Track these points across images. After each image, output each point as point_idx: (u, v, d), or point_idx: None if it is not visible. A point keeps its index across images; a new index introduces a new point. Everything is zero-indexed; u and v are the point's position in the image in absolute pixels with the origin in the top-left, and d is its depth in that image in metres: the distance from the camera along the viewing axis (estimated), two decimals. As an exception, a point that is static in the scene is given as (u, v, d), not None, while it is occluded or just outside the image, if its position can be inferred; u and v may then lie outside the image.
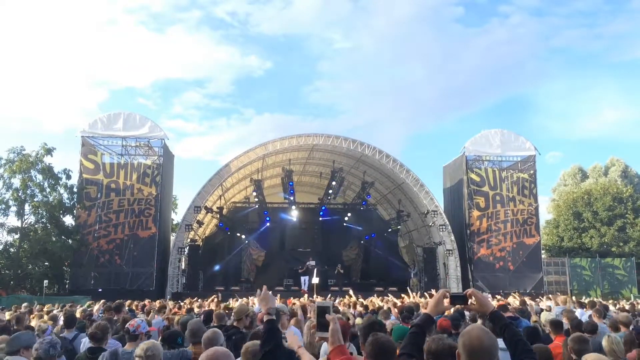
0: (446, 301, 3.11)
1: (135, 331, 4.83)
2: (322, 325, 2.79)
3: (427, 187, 30.90)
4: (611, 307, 12.20)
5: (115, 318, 8.08)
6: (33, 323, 8.25)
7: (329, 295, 19.07)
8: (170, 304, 13.01)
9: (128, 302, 12.97)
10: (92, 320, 8.59)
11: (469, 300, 3.05)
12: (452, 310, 7.14)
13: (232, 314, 7.26)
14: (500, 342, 2.79)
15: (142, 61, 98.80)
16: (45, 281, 24.46)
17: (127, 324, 5.08)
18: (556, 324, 6.34)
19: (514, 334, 2.84)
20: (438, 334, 4.24)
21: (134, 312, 10.97)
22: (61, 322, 8.03)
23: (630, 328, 6.53)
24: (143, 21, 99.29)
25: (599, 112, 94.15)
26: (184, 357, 4.48)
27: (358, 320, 7.48)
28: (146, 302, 13.46)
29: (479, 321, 5.82)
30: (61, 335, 6.93)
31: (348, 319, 7.54)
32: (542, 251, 35.16)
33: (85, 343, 6.28)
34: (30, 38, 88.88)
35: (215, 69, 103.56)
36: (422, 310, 9.14)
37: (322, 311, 2.81)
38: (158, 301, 14.41)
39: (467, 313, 7.32)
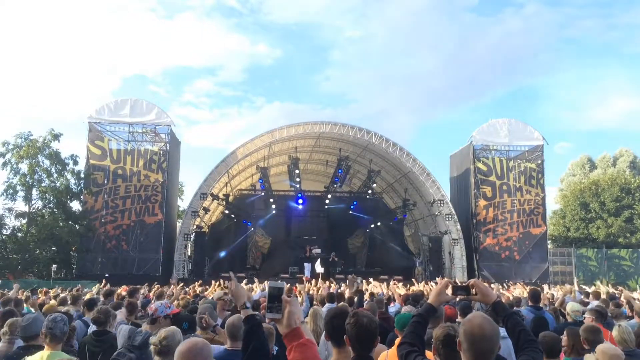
0: (448, 291, 3.09)
1: (154, 315, 4.89)
2: (273, 307, 2.69)
3: (434, 176, 30.85)
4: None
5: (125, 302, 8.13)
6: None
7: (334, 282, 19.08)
8: (177, 289, 13.07)
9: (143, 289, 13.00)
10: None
11: (472, 291, 3.03)
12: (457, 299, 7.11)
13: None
14: (502, 331, 2.78)
15: (153, 49, 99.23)
16: (54, 266, 24.65)
17: (147, 307, 5.11)
18: (598, 314, 6.13)
19: (516, 324, 2.83)
20: (445, 323, 4.20)
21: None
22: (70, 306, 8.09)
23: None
24: (153, 8, 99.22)
25: (609, 102, 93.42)
26: None
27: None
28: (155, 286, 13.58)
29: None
30: (83, 318, 7.00)
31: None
32: (548, 241, 35.07)
33: (91, 327, 6.34)
34: (43, 27, 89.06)
35: (227, 57, 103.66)
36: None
37: (273, 293, 2.71)
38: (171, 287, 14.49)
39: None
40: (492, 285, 13.23)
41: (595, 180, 42.71)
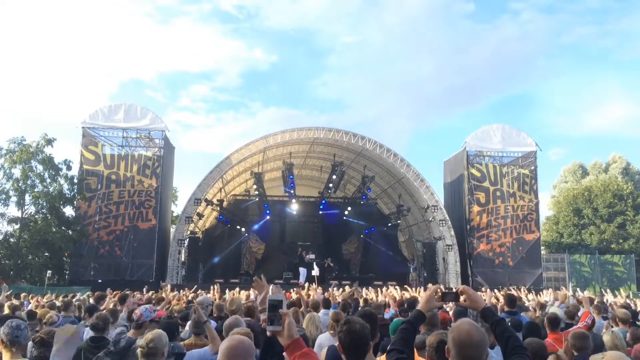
0: (437, 298, 3.11)
1: (139, 320, 4.85)
2: (273, 319, 2.72)
3: (428, 181, 30.93)
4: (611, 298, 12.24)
5: (119, 308, 8.10)
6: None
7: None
8: (170, 294, 13.01)
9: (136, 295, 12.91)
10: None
11: (461, 297, 3.05)
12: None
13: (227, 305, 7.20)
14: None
15: (149, 54, 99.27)
16: (49, 272, 24.51)
17: (132, 313, 5.09)
18: (552, 321, 6.10)
19: (505, 330, 2.84)
20: (441, 329, 4.21)
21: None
22: (63, 313, 8.05)
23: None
24: (149, 13, 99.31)
25: (603, 108, 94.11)
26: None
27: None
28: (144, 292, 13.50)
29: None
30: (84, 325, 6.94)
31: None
32: (542, 247, 35.19)
33: (87, 332, 6.30)
34: (40, 32, 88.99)
35: (223, 62, 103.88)
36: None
37: (273, 305, 2.74)
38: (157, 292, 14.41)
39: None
40: (487, 291, 13.22)
41: (588, 186, 42.97)
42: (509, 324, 5.36)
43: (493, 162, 31.54)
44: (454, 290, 3.13)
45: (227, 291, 15.10)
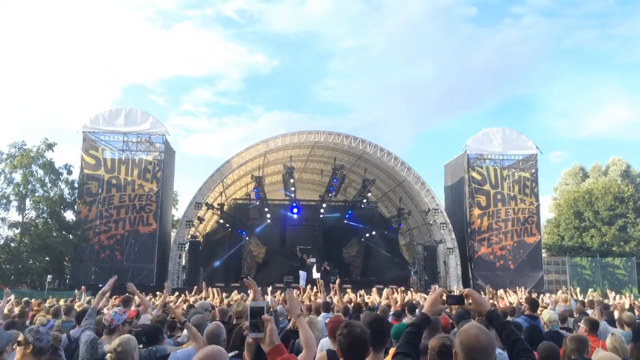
0: (442, 301, 3.10)
1: (111, 325, 4.85)
2: (255, 326, 2.72)
3: (428, 185, 30.95)
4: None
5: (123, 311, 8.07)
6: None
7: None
8: (171, 298, 12.97)
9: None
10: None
11: (466, 301, 3.04)
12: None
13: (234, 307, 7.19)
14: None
15: (151, 59, 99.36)
16: (50, 276, 24.52)
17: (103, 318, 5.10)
18: (591, 324, 6.09)
19: (511, 333, 2.83)
20: (442, 333, 4.21)
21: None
22: (64, 317, 8.03)
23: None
24: (151, 18, 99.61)
25: (604, 111, 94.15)
26: (150, 357, 4.46)
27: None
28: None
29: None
30: (71, 331, 6.91)
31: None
32: (543, 250, 35.13)
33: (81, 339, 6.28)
34: (42, 37, 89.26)
35: (225, 66, 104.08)
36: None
37: (255, 312, 2.74)
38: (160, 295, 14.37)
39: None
40: (489, 290, 13.22)
41: (589, 189, 42.89)
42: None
43: (494, 165, 31.53)
44: (459, 293, 3.12)
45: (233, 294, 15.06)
